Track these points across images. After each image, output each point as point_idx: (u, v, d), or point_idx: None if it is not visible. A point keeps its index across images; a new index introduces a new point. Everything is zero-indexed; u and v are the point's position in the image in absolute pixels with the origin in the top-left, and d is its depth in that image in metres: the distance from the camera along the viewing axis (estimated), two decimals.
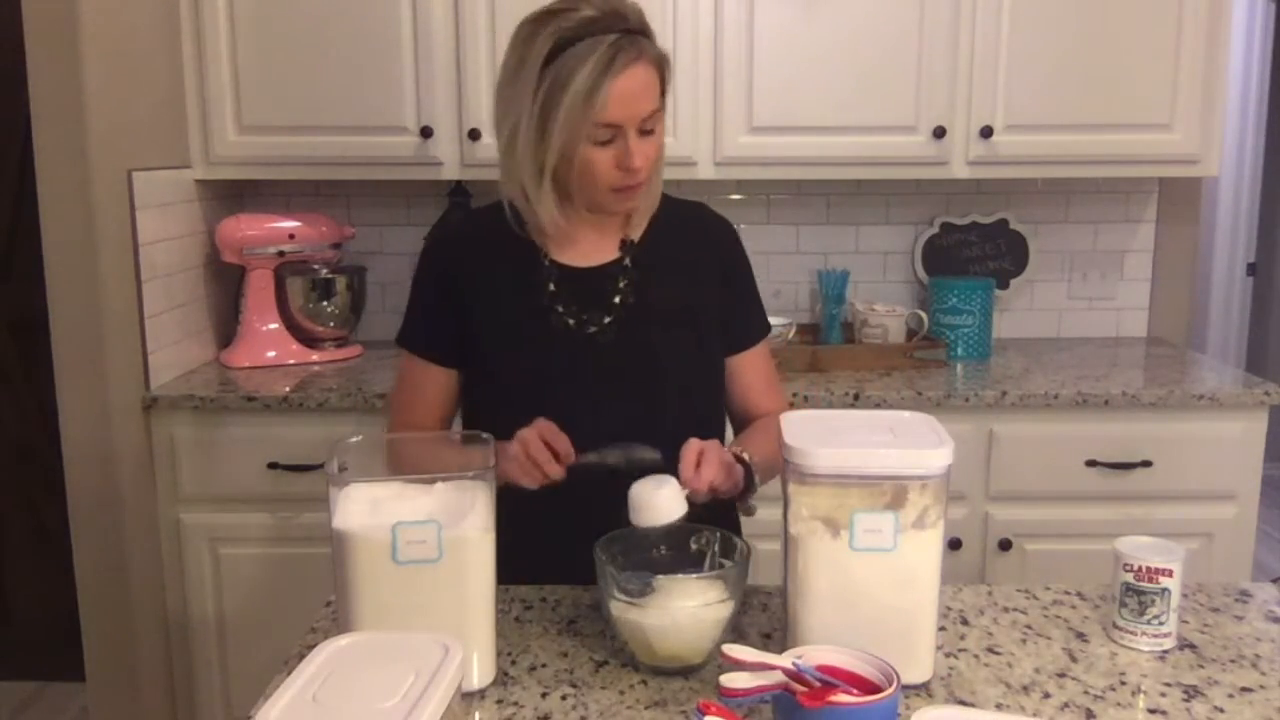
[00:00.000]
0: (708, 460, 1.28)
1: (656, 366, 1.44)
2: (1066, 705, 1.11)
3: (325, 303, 2.61)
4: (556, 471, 1.30)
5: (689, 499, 1.25)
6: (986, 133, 2.46)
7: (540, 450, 1.29)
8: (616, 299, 1.45)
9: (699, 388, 1.50)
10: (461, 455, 1.35)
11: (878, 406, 2.26)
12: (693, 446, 1.29)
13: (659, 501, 1.24)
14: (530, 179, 1.37)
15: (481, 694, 1.13)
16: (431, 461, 1.29)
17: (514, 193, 1.41)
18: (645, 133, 1.36)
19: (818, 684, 0.96)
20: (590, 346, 1.43)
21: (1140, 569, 1.21)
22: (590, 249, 1.47)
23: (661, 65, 1.36)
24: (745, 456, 1.38)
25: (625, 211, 1.46)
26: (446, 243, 1.55)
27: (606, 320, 1.44)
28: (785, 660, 0.99)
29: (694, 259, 1.50)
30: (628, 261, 1.47)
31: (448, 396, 1.53)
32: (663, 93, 1.38)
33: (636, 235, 1.49)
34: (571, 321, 1.44)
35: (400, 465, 1.40)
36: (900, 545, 1.10)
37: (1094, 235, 2.87)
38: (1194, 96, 2.46)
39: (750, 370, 1.55)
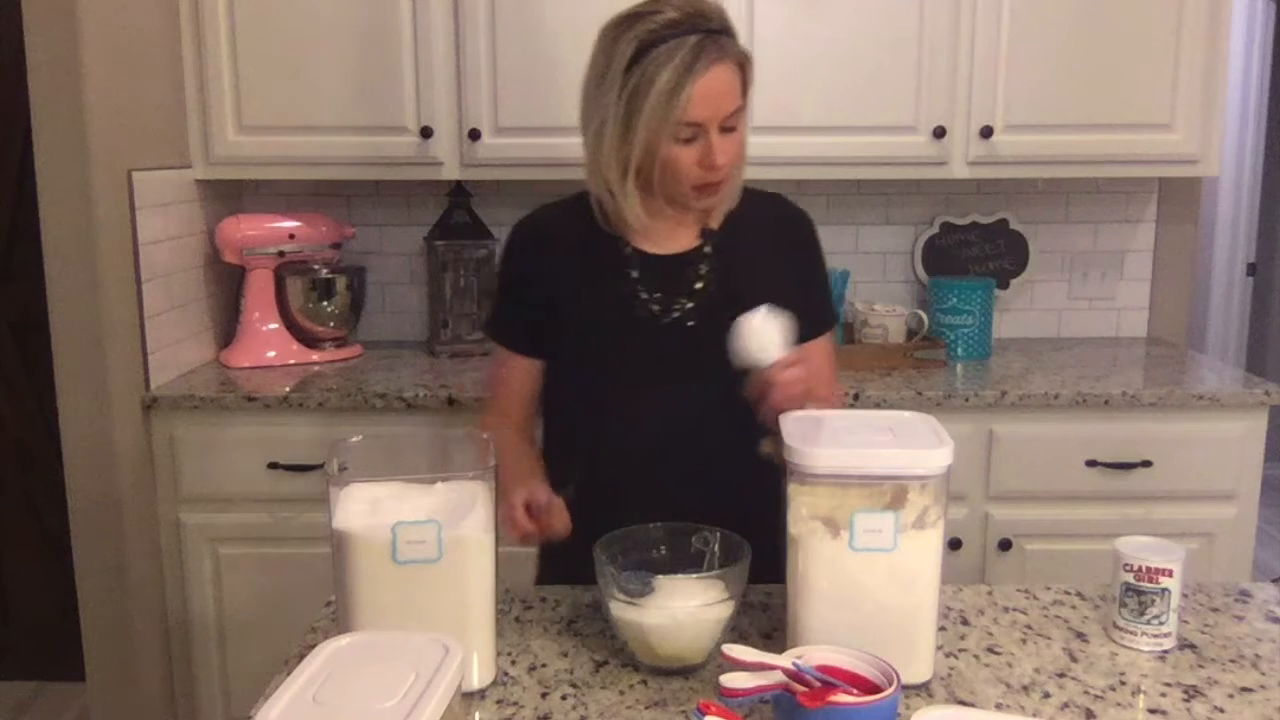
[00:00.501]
0: (799, 374, 1.30)
1: None
2: (1066, 705, 1.11)
3: (325, 303, 2.61)
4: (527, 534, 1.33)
5: (760, 387, 1.29)
6: (986, 133, 2.46)
7: (519, 518, 1.32)
8: (698, 285, 1.48)
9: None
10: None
11: (878, 406, 2.26)
12: (793, 358, 1.31)
13: (769, 330, 1.27)
14: (615, 176, 1.42)
15: (481, 694, 1.13)
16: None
17: (599, 189, 1.46)
18: (727, 130, 1.39)
19: (818, 684, 0.96)
20: (671, 331, 1.46)
21: (1140, 569, 1.21)
22: (671, 237, 1.50)
23: (744, 64, 1.40)
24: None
25: (708, 208, 1.49)
26: (529, 234, 1.58)
27: (688, 306, 1.47)
28: (785, 660, 0.99)
29: (772, 248, 1.53)
30: (708, 249, 1.50)
31: (534, 382, 1.56)
32: (745, 91, 1.41)
33: (716, 224, 1.52)
34: (655, 308, 1.47)
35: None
36: (900, 545, 1.10)
37: (1094, 235, 2.87)
38: (1194, 96, 2.46)
39: (812, 359, 1.55)
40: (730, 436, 1.35)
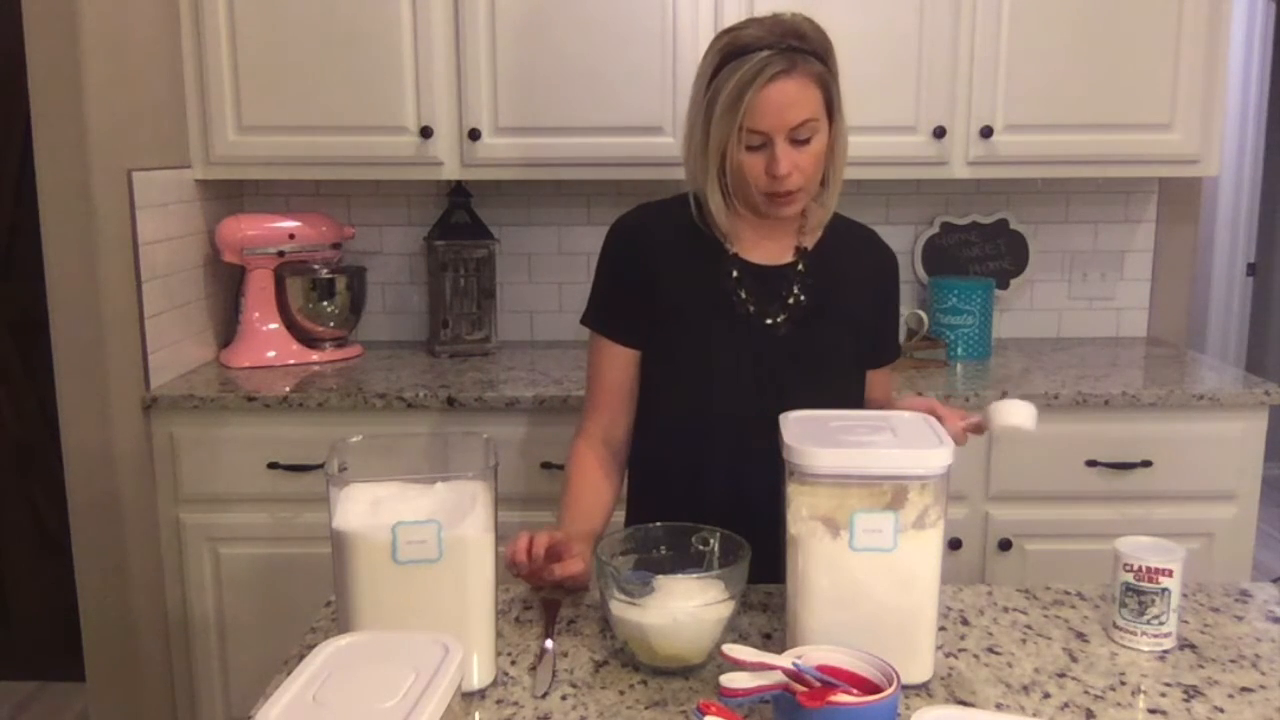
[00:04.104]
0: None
1: (822, 364, 1.54)
2: (1066, 705, 1.11)
3: (325, 303, 2.61)
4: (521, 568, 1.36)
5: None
6: (986, 133, 2.46)
7: (519, 548, 1.35)
8: (791, 300, 1.54)
9: (847, 391, 1.59)
10: (597, 500, 1.55)
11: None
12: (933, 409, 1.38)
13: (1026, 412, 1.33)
14: (701, 177, 1.50)
15: (481, 694, 1.13)
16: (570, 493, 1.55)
17: (694, 188, 1.54)
18: (798, 142, 1.44)
19: (818, 684, 0.96)
20: (766, 335, 1.53)
21: (1140, 569, 1.21)
22: (767, 249, 1.56)
23: (825, 82, 1.44)
24: None
25: (781, 217, 1.53)
26: (633, 227, 1.61)
27: (780, 317, 1.53)
28: (785, 660, 0.99)
29: (860, 276, 1.61)
30: (801, 266, 1.56)
31: (630, 377, 1.60)
32: (830, 109, 1.46)
33: (810, 244, 1.58)
34: (752, 309, 1.53)
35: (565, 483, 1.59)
36: (900, 545, 1.10)
37: (1094, 235, 2.87)
38: (1194, 96, 2.46)
39: (877, 386, 1.67)
40: None
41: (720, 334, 1.52)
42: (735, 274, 1.53)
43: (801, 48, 1.42)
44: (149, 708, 2.32)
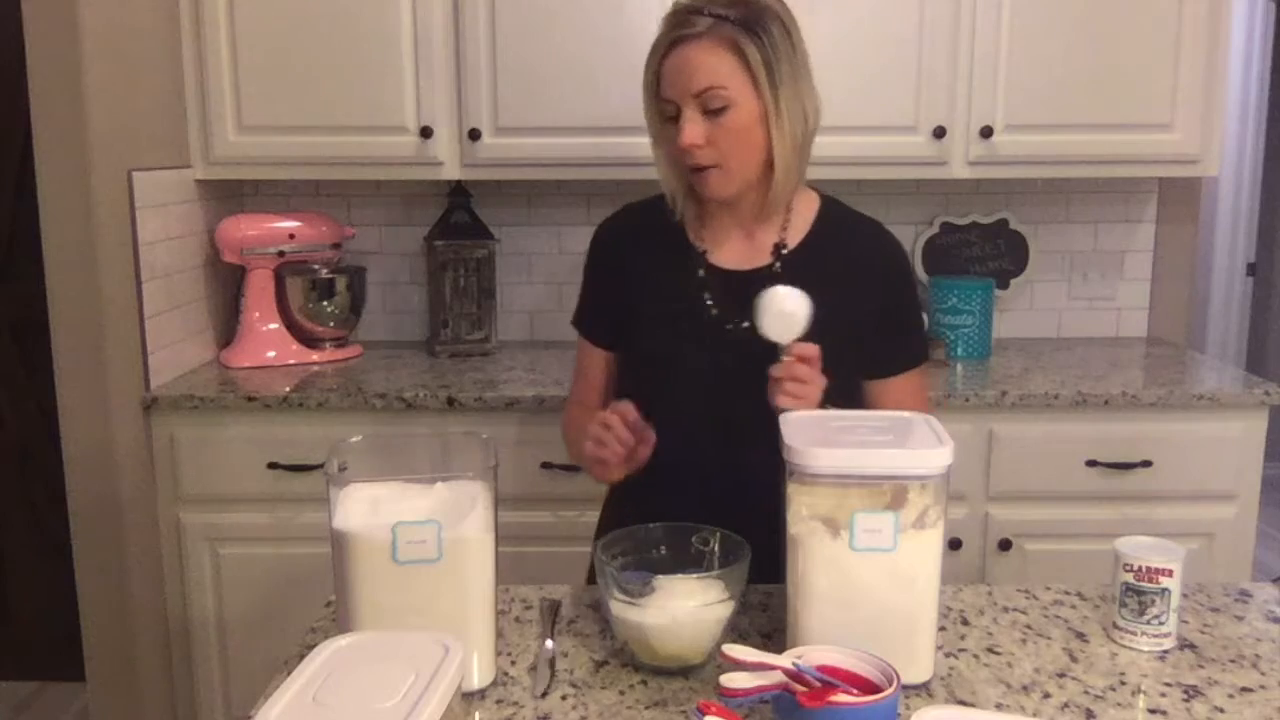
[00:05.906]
0: (809, 386, 1.30)
1: None
2: (1066, 705, 1.11)
3: (325, 303, 2.61)
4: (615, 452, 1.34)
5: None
6: (986, 133, 2.46)
7: (618, 431, 1.34)
8: None
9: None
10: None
11: None
12: (805, 351, 1.31)
13: (795, 310, 1.29)
14: (657, 166, 1.49)
15: (481, 694, 1.13)
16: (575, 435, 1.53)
17: (662, 182, 1.51)
18: (711, 113, 1.38)
19: (818, 684, 0.96)
20: (726, 340, 1.45)
21: (1140, 569, 1.21)
22: (743, 251, 1.50)
23: (740, 47, 1.35)
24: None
25: (712, 197, 1.45)
26: (613, 231, 1.60)
27: (745, 323, 1.40)
28: (785, 660, 0.99)
29: (852, 275, 1.47)
30: (778, 267, 1.48)
31: (610, 378, 1.60)
32: (757, 82, 1.37)
33: (791, 241, 1.50)
34: (716, 312, 1.47)
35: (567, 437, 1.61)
36: (900, 545, 1.09)
37: (1094, 235, 2.87)
38: (1194, 96, 2.46)
39: (894, 397, 1.50)
40: (771, 456, 1.23)
41: (681, 338, 1.47)
42: (702, 275, 1.48)
43: (725, 16, 1.34)
44: (149, 708, 2.32)
